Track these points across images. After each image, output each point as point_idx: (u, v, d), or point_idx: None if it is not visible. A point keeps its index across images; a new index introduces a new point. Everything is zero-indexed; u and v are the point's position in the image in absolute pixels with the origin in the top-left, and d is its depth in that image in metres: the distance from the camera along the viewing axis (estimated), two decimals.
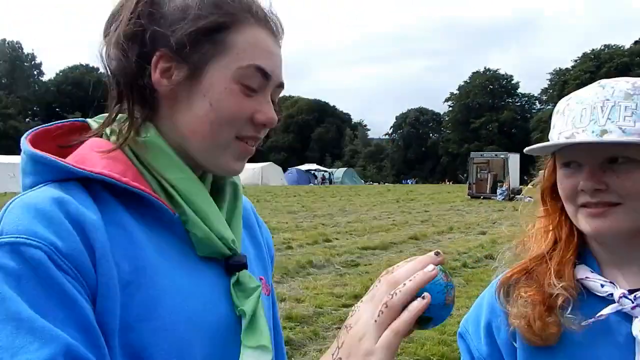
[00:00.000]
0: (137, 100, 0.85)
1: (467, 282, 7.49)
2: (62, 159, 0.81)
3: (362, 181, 60.48)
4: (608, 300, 0.94)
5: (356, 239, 11.28)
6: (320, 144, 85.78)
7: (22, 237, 0.70)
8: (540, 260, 1.01)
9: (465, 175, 31.67)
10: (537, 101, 77.45)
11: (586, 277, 0.97)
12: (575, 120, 0.93)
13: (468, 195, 27.94)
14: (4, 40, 74.01)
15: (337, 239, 11.26)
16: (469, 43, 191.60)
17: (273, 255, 1.11)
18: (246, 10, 0.86)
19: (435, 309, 0.70)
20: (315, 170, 53.95)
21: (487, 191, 27.52)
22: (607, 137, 0.89)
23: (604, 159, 0.91)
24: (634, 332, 0.90)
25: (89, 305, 0.71)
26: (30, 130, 0.86)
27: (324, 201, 23.58)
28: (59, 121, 0.89)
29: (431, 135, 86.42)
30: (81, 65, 73.98)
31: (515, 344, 1.00)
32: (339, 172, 55.27)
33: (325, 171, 55.15)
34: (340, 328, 0.76)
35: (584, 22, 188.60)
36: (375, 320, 0.69)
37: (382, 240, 10.98)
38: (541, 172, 1.06)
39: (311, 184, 47.24)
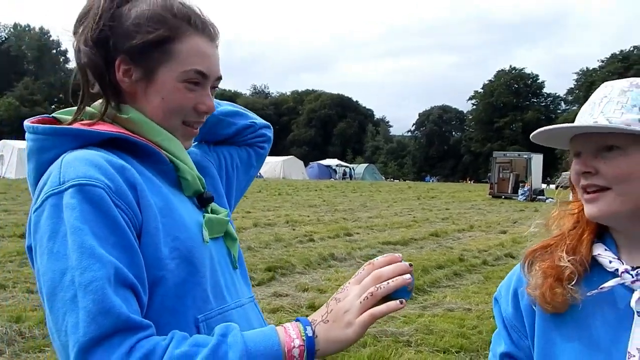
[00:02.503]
0: (108, 87, 1.08)
1: (487, 279, 7.59)
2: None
3: (383, 177, 60.36)
4: (616, 275, 1.03)
5: (377, 234, 11.41)
6: (342, 139, 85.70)
7: (84, 180, 0.92)
8: (560, 237, 1.13)
9: (489, 175, 31.40)
10: (562, 102, 76.28)
11: (598, 254, 1.07)
12: (580, 116, 1.08)
13: (489, 194, 27.78)
14: (28, 25, 73.40)
15: (358, 233, 11.39)
16: (494, 39, 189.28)
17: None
18: (186, 23, 1.08)
19: (399, 293, 0.96)
20: (336, 165, 54.01)
21: (509, 191, 27.34)
22: (584, 123, 1.03)
23: (597, 148, 1.04)
24: (632, 303, 1.00)
25: (133, 232, 0.94)
26: (26, 121, 1.06)
27: (345, 196, 23.71)
28: (34, 117, 1.09)
29: (454, 133, 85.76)
30: None
31: (535, 309, 1.12)
32: (360, 168, 55.25)
33: (347, 166, 55.15)
34: None
35: (614, 20, 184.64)
36: (360, 302, 0.93)
37: (403, 236, 11.09)
38: (564, 173, 1.19)
39: (332, 179, 47.31)
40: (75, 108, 1.09)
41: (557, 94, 77.66)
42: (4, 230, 9.67)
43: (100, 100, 1.10)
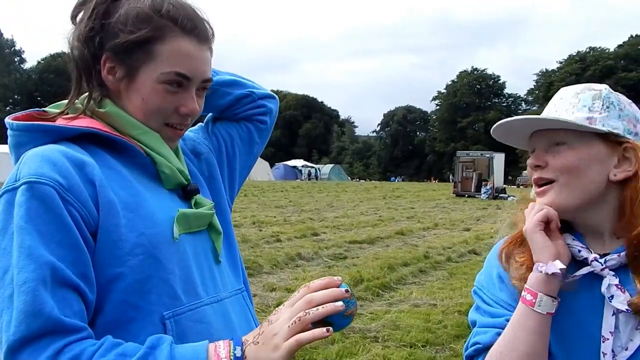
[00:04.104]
0: (94, 83, 1.09)
1: (451, 275, 7.76)
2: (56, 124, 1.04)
3: (349, 178, 60.68)
4: (586, 263, 1.09)
5: (344, 233, 11.48)
6: (307, 140, 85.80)
7: (34, 177, 0.93)
8: None
9: (449, 173, 31.91)
10: (523, 102, 78.07)
11: (568, 244, 1.12)
12: (543, 115, 1.16)
13: (453, 193, 28.28)
14: None
15: (324, 233, 11.43)
16: (456, 41, 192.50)
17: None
18: (173, 23, 1.06)
19: (335, 318, 0.94)
20: (302, 166, 54.04)
21: (472, 190, 27.87)
22: (530, 117, 1.12)
23: (548, 144, 1.13)
24: (602, 289, 1.06)
25: (84, 230, 0.94)
26: (8, 117, 1.07)
27: (311, 197, 23.75)
28: (23, 111, 1.09)
29: (418, 133, 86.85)
30: (64, 53, 71.57)
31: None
32: (325, 169, 55.44)
33: (312, 167, 55.24)
34: None
35: (571, 22, 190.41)
36: (289, 326, 0.92)
37: (369, 234, 11.20)
38: (524, 172, 1.26)
39: (298, 180, 47.31)
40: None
41: (517, 94, 79.44)
42: None
43: (85, 94, 1.10)
